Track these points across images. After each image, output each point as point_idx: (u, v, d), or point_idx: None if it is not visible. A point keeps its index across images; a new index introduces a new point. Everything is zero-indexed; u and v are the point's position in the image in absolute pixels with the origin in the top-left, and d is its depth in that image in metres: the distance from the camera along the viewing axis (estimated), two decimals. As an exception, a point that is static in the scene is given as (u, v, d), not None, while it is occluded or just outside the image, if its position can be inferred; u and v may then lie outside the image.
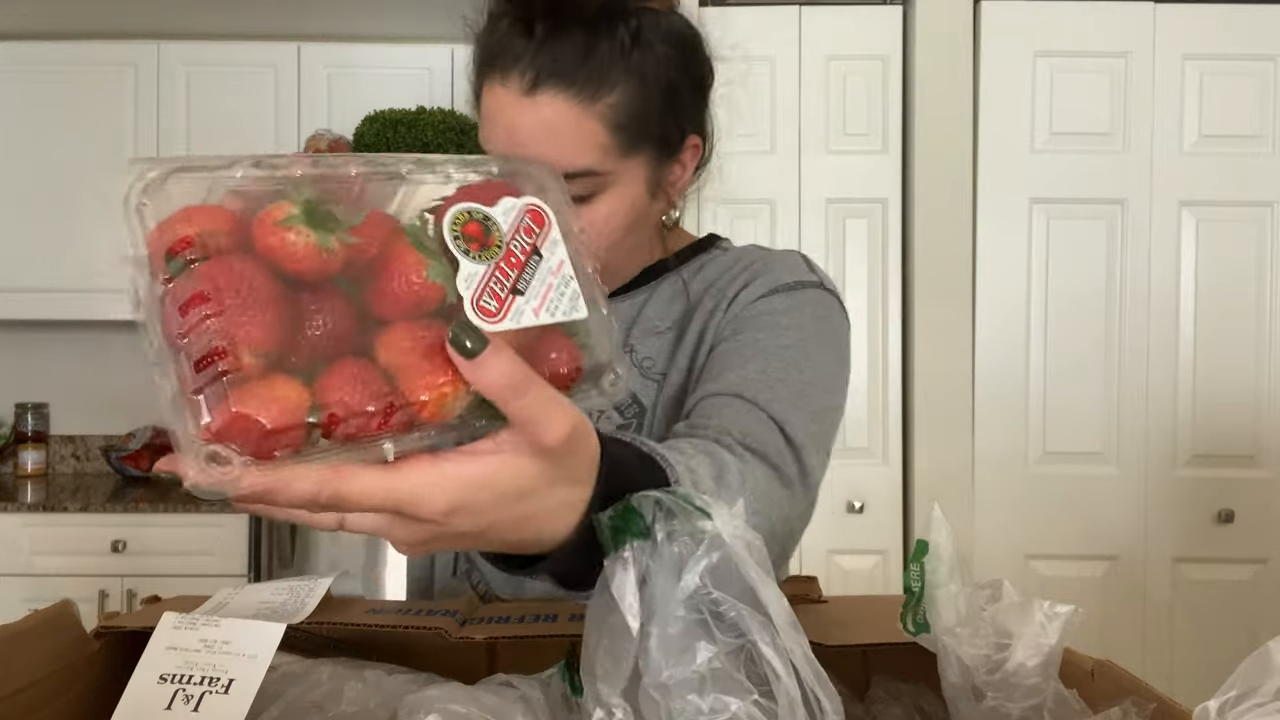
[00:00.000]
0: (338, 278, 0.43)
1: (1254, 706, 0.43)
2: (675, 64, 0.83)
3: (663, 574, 0.48)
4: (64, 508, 2.90)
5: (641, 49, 0.80)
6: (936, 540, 0.57)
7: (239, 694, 0.58)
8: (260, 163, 0.43)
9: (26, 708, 0.59)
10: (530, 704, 0.60)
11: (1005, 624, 0.56)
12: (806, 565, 2.53)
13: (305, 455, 0.41)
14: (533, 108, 0.77)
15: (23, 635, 0.61)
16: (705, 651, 0.47)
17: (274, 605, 0.68)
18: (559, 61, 0.77)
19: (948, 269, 2.50)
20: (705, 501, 0.50)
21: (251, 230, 0.42)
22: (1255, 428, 2.50)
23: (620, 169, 0.81)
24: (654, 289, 0.95)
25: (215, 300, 0.39)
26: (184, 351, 0.39)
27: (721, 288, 0.92)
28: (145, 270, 0.41)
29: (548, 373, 0.48)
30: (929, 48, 2.50)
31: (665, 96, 0.82)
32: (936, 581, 0.57)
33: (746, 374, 0.81)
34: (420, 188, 0.48)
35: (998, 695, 0.55)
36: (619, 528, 0.49)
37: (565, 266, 0.49)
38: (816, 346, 0.86)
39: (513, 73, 0.78)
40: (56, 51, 3.17)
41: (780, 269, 0.91)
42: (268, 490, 0.41)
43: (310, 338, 0.42)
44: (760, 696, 0.47)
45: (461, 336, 0.43)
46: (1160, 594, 2.50)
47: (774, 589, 0.48)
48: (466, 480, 0.45)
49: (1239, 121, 2.50)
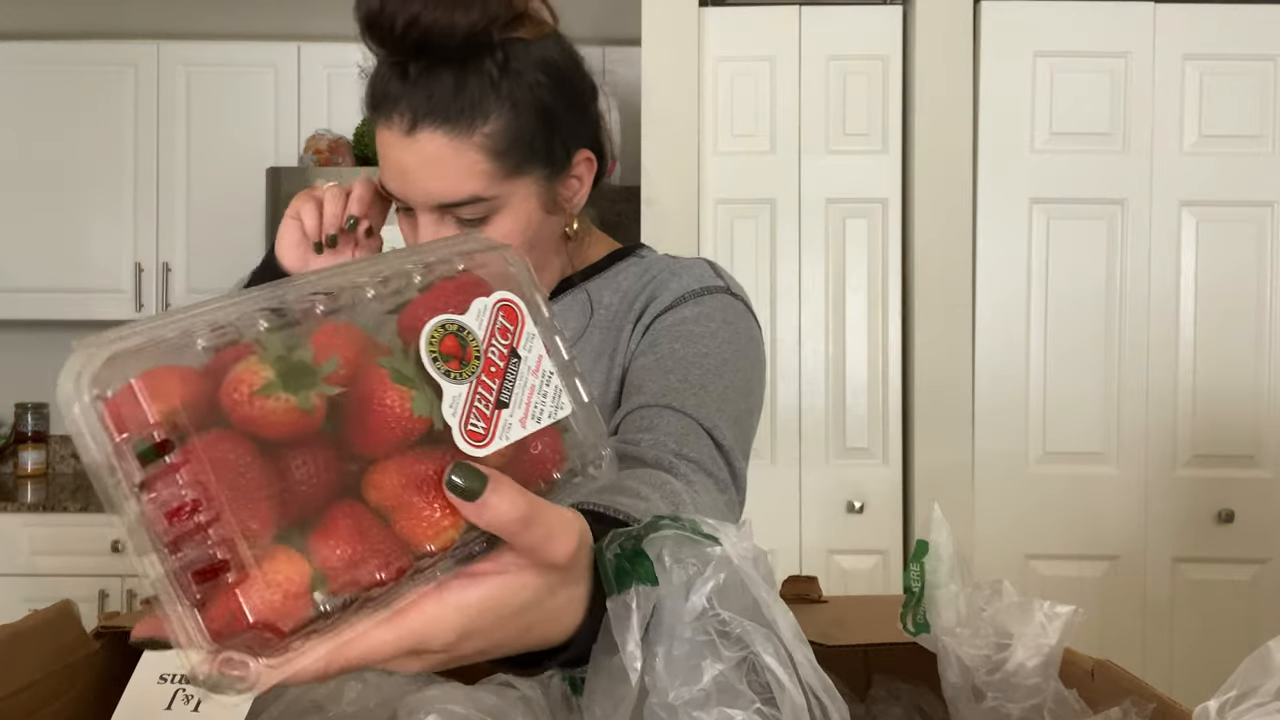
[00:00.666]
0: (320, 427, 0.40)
1: (1254, 706, 0.43)
2: (547, 88, 0.87)
3: (670, 598, 0.48)
4: (64, 508, 2.90)
5: (510, 78, 0.85)
6: (936, 540, 0.57)
7: (239, 694, 0.57)
8: (217, 327, 0.39)
9: (26, 708, 0.59)
10: (530, 704, 0.60)
11: (1005, 624, 0.56)
12: (806, 565, 2.53)
13: (316, 625, 0.39)
14: (414, 146, 0.83)
15: (23, 635, 0.61)
16: (711, 670, 0.47)
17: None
18: (433, 99, 0.82)
19: (948, 269, 2.50)
20: (713, 527, 0.49)
21: (221, 401, 0.38)
22: (1255, 428, 2.50)
23: (507, 191, 0.86)
24: (554, 304, 0.99)
25: (207, 504, 0.37)
26: (179, 562, 0.37)
27: (630, 299, 0.96)
28: (110, 469, 0.37)
29: (537, 473, 0.46)
30: (929, 48, 2.50)
31: (542, 119, 0.87)
32: (936, 581, 0.57)
33: (670, 384, 0.85)
34: (384, 300, 0.45)
35: (998, 695, 0.55)
36: (624, 570, 0.48)
37: (544, 362, 0.47)
38: (731, 352, 0.90)
39: (394, 115, 0.84)
40: (56, 51, 3.17)
41: (686, 277, 0.95)
42: (283, 682, 0.40)
43: (295, 492, 0.39)
44: (762, 704, 0.47)
45: (459, 480, 0.41)
46: (1160, 594, 2.49)
47: (779, 602, 0.48)
48: (472, 607, 0.43)
49: (1239, 121, 2.50)
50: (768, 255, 2.56)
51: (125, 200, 3.19)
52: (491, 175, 0.85)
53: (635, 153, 2.59)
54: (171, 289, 3.19)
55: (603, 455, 0.50)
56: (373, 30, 0.82)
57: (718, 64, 2.56)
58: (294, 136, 3.16)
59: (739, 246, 2.56)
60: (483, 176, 0.85)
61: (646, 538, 0.49)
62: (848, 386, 2.53)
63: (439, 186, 0.84)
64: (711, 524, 0.49)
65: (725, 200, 2.56)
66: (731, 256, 2.55)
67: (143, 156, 3.19)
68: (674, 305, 0.92)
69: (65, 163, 3.17)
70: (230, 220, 3.17)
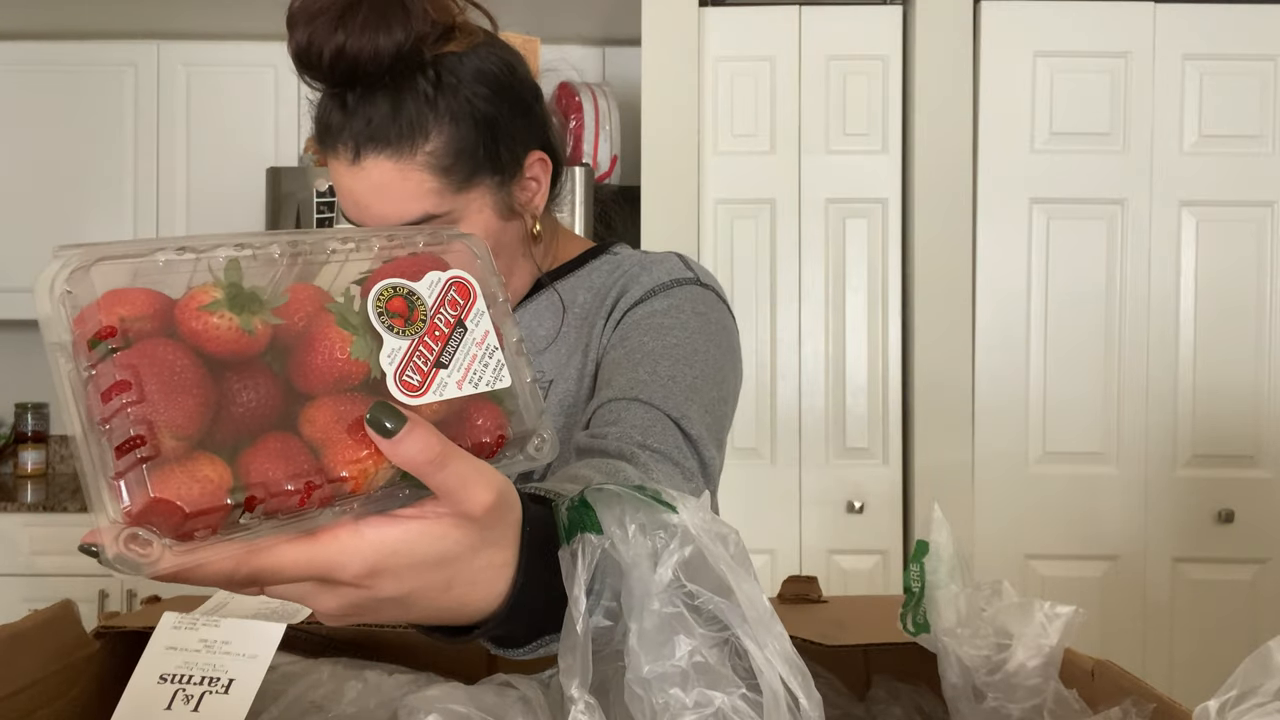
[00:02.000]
0: (263, 354, 0.44)
1: (1254, 706, 0.43)
2: (485, 98, 0.88)
3: (638, 568, 0.49)
4: (64, 508, 2.90)
5: (445, 93, 0.85)
6: (936, 540, 0.57)
7: (239, 694, 0.58)
8: (184, 247, 0.44)
9: (26, 708, 0.59)
10: (530, 704, 0.60)
11: (1005, 624, 0.56)
12: (807, 565, 2.53)
13: (227, 533, 0.42)
14: (361, 174, 0.85)
15: (23, 635, 0.61)
16: (685, 645, 0.48)
17: (274, 605, 0.68)
18: (372, 125, 0.84)
19: (948, 269, 2.50)
20: (672, 496, 0.50)
21: (174, 314, 0.43)
22: (1255, 428, 2.50)
23: (460, 205, 0.87)
24: (527, 305, 1.00)
25: (136, 387, 0.40)
26: (105, 437, 0.40)
27: (601, 295, 0.97)
28: (69, 355, 0.42)
29: (473, 440, 0.49)
30: (929, 48, 2.50)
31: (484, 129, 0.88)
32: (936, 582, 0.57)
33: (638, 377, 0.86)
34: (347, 264, 0.49)
35: (998, 696, 0.55)
36: (573, 521, 0.51)
37: (490, 337, 0.50)
38: (702, 341, 0.90)
39: (338, 146, 0.85)
40: (56, 51, 3.17)
41: (657, 271, 0.96)
42: (184, 570, 0.41)
43: (234, 414, 0.43)
44: (748, 690, 0.47)
45: (379, 416, 0.43)
46: (1160, 594, 2.50)
47: (750, 582, 0.48)
48: (386, 542, 0.44)
49: (1239, 121, 2.50)
50: (768, 255, 2.56)
51: (125, 200, 3.19)
52: (440, 192, 0.86)
53: (635, 153, 2.59)
54: (171, 289, 3.19)
55: (545, 438, 0.52)
56: (303, 64, 0.83)
57: (718, 64, 2.56)
58: (294, 136, 3.16)
59: (739, 246, 2.56)
60: (431, 195, 0.86)
61: (596, 491, 0.51)
62: (848, 386, 2.53)
63: (391, 210, 0.85)
64: (672, 494, 0.50)
65: (725, 200, 2.56)
66: (731, 256, 2.55)
67: (143, 156, 3.19)
68: (644, 299, 0.93)
69: (65, 163, 3.17)
70: (230, 220, 3.17)
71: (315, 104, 0.88)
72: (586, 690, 0.47)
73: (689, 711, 0.46)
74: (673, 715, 0.46)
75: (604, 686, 0.52)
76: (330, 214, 2.84)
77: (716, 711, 0.47)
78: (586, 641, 0.48)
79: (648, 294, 0.93)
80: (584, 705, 0.47)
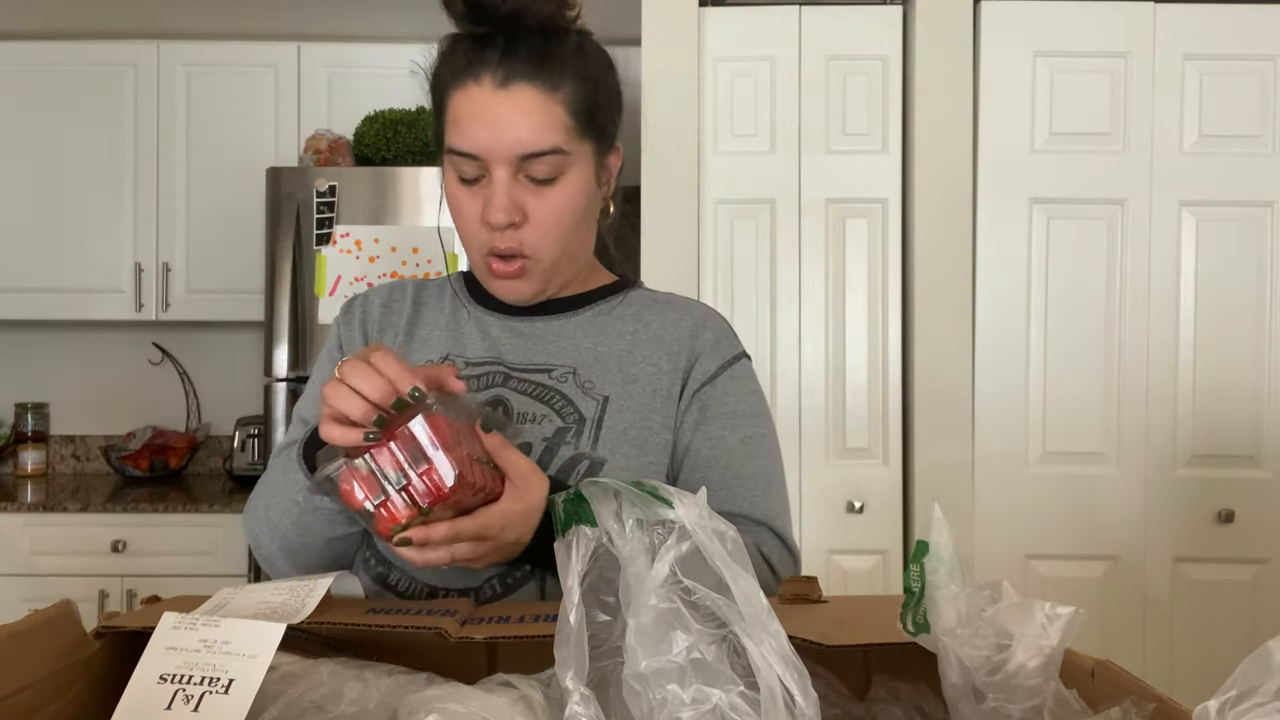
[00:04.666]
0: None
1: (1254, 706, 0.43)
2: (605, 76, 1.01)
3: (635, 564, 0.49)
4: (64, 508, 2.90)
5: (583, 54, 0.98)
6: (936, 540, 0.57)
7: (239, 694, 0.58)
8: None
9: (26, 708, 0.59)
10: (530, 704, 0.60)
11: (1005, 625, 0.56)
12: (807, 565, 2.52)
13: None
14: (508, 98, 0.93)
15: (23, 635, 0.61)
16: (682, 640, 0.48)
17: (274, 605, 0.68)
18: (525, 60, 0.94)
19: (948, 269, 2.50)
20: (668, 491, 0.51)
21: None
22: (1255, 428, 2.50)
23: (577, 151, 0.97)
24: (585, 320, 1.07)
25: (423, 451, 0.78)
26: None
27: (659, 333, 1.05)
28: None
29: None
30: (929, 48, 2.50)
31: (603, 97, 0.99)
32: (937, 582, 0.57)
33: (731, 490, 1.01)
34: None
35: (998, 696, 0.55)
36: (569, 513, 0.55)
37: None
38: (763, 425, 1.05)
39: (484, 74, 0.94)
40: (56, 51, 3.17)
41: (720, 338, 1.07)
42: (431, 536, 0.79)
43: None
44: (746, 688, 0.47)
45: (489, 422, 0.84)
46: (1160, 594, 2.49)
47: (748, 580, 0.48)
48: (499, 513, 0.83)
49: (1239, 121, 2.50)
50: (767, 255, 2.55)
51: (125, 200, 3.19)
52: (570, 131, 0.95)
53: (635, 153, 2.58)
54: (171, 289, 3.19)
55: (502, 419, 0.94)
56: (472, 5, 0.94)
57: (718, 64, 2.56)
58: (294, 136, 3.16)
59: (739, 246, 2.56)
60: (565, 130, 0.95)
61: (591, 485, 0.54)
62: (848, 386, 2.53)
63: (528, 135, 0.93)
64: (669, 489, 0.53)
65: (725, 200, 2.56)
66: (731, 256, 2.55)
67: (143, 156, 3.19)
68: (715, 375, 1.04)
69: (65, 163, 3.17)
70: (230, 220, 3.18)
71: (443, 44, 0.98)
72: (583, 681, 0.48)
73: (686, 708, 0.46)
74: (670, 711, 0.46)
75: (603, 682, 0.52)
76: (330, 214, 2.84)
77: (714, 708, 0.47)
78: (581, 633, 0.49)
79: (719, 370, 1.04)
80: (579, 696, 0.47)
